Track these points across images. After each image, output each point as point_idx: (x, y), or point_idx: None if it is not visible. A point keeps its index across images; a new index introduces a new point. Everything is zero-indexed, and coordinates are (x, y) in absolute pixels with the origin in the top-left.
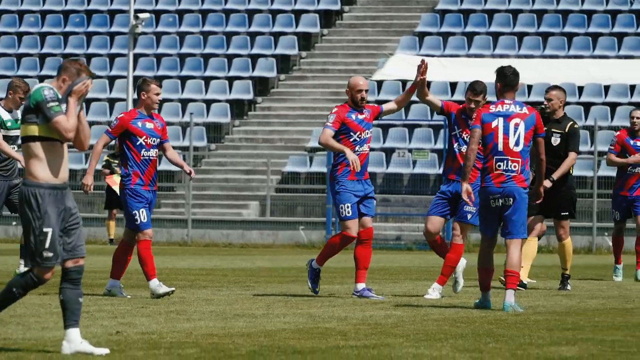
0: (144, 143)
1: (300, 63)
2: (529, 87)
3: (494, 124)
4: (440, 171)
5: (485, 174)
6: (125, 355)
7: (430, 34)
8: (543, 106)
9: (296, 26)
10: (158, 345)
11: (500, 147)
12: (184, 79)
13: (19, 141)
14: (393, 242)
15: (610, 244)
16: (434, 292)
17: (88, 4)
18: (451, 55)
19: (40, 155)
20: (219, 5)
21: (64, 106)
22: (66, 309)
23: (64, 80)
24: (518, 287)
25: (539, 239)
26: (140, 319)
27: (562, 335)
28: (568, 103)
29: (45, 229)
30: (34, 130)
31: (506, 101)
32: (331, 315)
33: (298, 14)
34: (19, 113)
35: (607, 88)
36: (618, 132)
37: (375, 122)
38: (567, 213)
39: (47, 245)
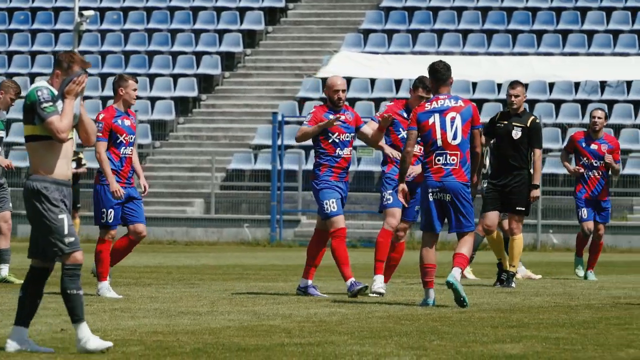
0: (123, 141)
1: (245, 60)
2: (474, 84)
3: (430, 121)
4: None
5: (425, 169)
6: (69, 353)
7: (374, 31)
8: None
9: (241, 23)
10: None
11: (440, 142)
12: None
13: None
14: None
15: (555, 241)
16: (378, 286)
17: (32, 2)
18: (396, 53)
19: (43, 153)
20: (164, 3)
21: (60, 104)
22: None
23: (57, 75)
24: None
25: (488, 233)
26: (84, 316)
27: (507, 333)
28: None
29: (60, 216)
30: (34, 129)
31: (440, 97)
32: (275, 312)
33: (242, 11)
34: (5, 114)
35: (551, 85)
36: (573, 133)
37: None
38: (522, 209)
39: (66, 231)
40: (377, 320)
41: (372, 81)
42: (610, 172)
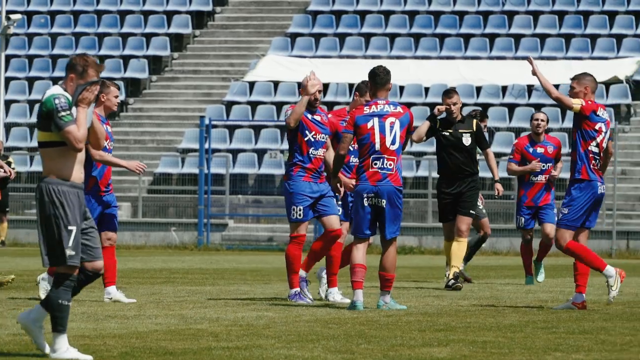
0: (107, 147)
1: (172, 64)
2: (401, 88)
3: (369, 124)
4: None
5: (360, 172)
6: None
7: (302, 35)
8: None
9: (168, 27)
10: (29, 347)
11: (378, 146)
12: (56, 81)
13: None
14: (265, 243)
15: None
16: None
17: None
18: (323, 56)
19: (57, 158)
20: (91, 7)
21: (74, 112)
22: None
23: (72, 79)
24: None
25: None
26: (12, 320)
27: (434, 336)
28: (440, 103)
29: (70, 227)
30: (49, 136)
31: (379, 101)
32: (203, 316)
33: (170, 14)
34: None
35: (478, 89)
36: (517, 141)
37: (247, 122)
38: (473, 212)
39: (70, 243)
40: (304, 324)
41: (299, 85)
42: (549, 179)
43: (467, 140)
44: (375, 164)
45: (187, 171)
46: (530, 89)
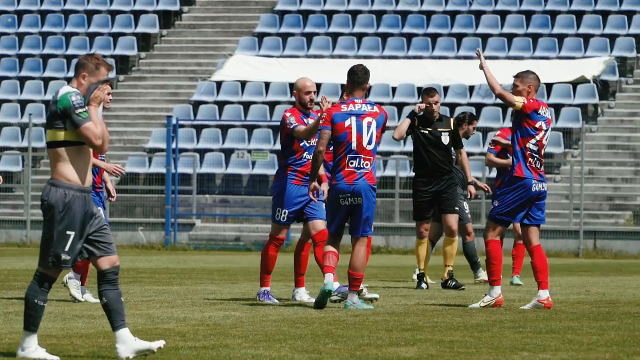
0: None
1: (140, 64)
2: (369, 88)
3: (346, 123)
4: None
5: (336, 171)
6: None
7: (269, 34)
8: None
9: (135, 27)
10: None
11: (354, 145)
12: (22, 80)
13: None
14: (232, 243)
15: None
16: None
17: None
18: (290, 56)
19: (68, 159)
20: (58, 6)
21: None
22: (111, 311)
23: (84, 76)
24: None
25: (434, 243)
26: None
27: (401, 336)
28: (408, 104)
29: (68, 232)
30: (62, 135)
31: (356, 100)
32: (170, 316)
33: (137, 14)
34: None
35: (446, 89)
36: (499, 132)
37: (215, 122)
38: (458, 209)
39: (67, 248)
40: (271, 323)
41: (267, 85)
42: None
43: (445, 139)
44: (352, 163)
45: (155, 171)
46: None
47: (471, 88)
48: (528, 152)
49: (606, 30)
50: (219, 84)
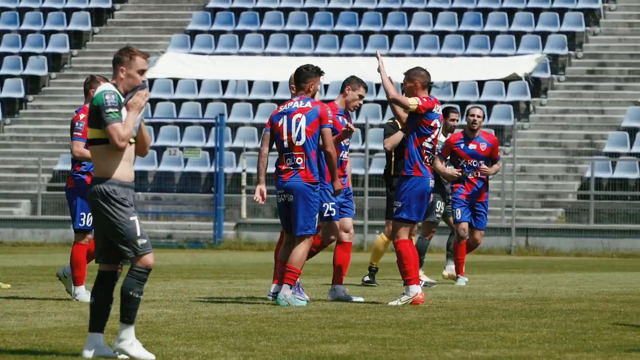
0: None
1: (72, 61)
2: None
3: (280, 122)
4: (212, 169)
5: (276, 170)
6: None
7: (201, 32)
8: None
9: (67, 24)
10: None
11: (286, 143)
12: None
13: None
14: (164, 240)
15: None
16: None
17: None
18: (222, 54)
19: (108, 156)
20: None
21: (124, 112)
22: (125, 305)
23: (122, 70)
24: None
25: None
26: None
27: (333, 333)
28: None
29: (132, 218)
30: (100, 133)
31: (294, 99)
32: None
33: (69, 12)
34: None
35: (377, 85)
36: (449, 136)
37: (147, 120)
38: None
39: (138, 232)
40: (203, 321)
41: (199, 82)
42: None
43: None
44: (287, 161)
45: None
46: (430, 86)
47: (402, 86)
48: (424, 151)
49: (538, 27)
50: (151, 81)
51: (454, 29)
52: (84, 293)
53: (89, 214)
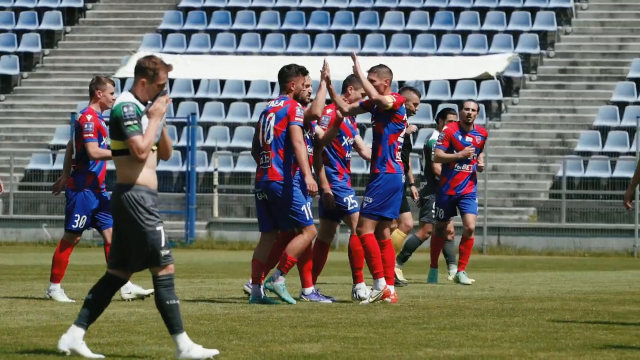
0: (104, 145)
1: (44, 60)
2: (272, 84)
3: (260, 122)
4: (184, 168)
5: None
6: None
7: (173, 31)
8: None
9: (39, 24)
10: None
11: (261, 142)
12: None
13: None
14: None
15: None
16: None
17: None
18: (194, 53)
19: (132, 166)
20: None
21: (145, 121)
22: (87, 308)
23: (143, 83)
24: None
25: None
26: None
27: (305, 332)
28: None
29: (158, 228)
30: (122, 144)
31: (274, 99)
32: (74, 312)
33: (41, 11)
34: None
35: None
36: (446, 127)
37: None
38: (406, 207)
39: (162, 243)
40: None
41: (171, 81)
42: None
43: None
44: (262, 159)
45: (59, 167)
46: (401, 85)
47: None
48: (398, 147)
49: (510, 26)
50: (123, 80)
51: (426, 28)
52: (58, 291)
53: (84, 216)
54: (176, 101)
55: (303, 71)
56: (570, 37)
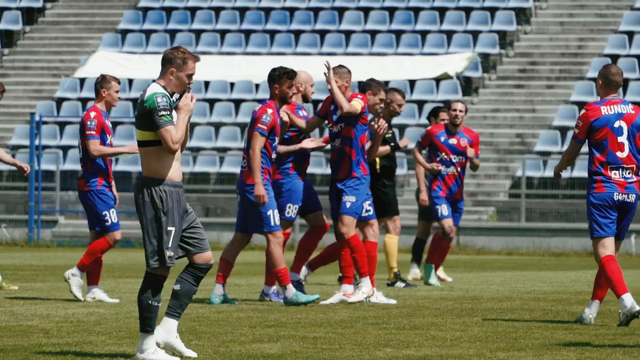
0: (109, 143)
1: (3, 60)
2: (232, 85)
3: None
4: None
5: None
6: None
7: (132, 31)
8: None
9: None
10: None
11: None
12: None
13: None
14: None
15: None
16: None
17: None
18: (154, 53)
19: (159, 157)
20: None
21: (174, 116)
22: (176, 299)
23: (172, 72)
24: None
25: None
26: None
27: (265, 332)
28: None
29: (169, 228)
30: (150, 135)
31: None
32: (33, 313)
33: (0, 11)
34: None
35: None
36: (431, 127)
37: (78, 119)
38: (396, 209)
39: (169, 244)
40: (134, 320)
41: (130, 81)
42: (470, 167)
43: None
44: (243, 162)
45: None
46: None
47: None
48: (366, 148)
49: (469, 26)
50: (82, 80)
51: (385, 28)
52: (100, 292)
53: (112, 209)
54: (135, 101)
55: (289, 75)
56: (529, 37)
